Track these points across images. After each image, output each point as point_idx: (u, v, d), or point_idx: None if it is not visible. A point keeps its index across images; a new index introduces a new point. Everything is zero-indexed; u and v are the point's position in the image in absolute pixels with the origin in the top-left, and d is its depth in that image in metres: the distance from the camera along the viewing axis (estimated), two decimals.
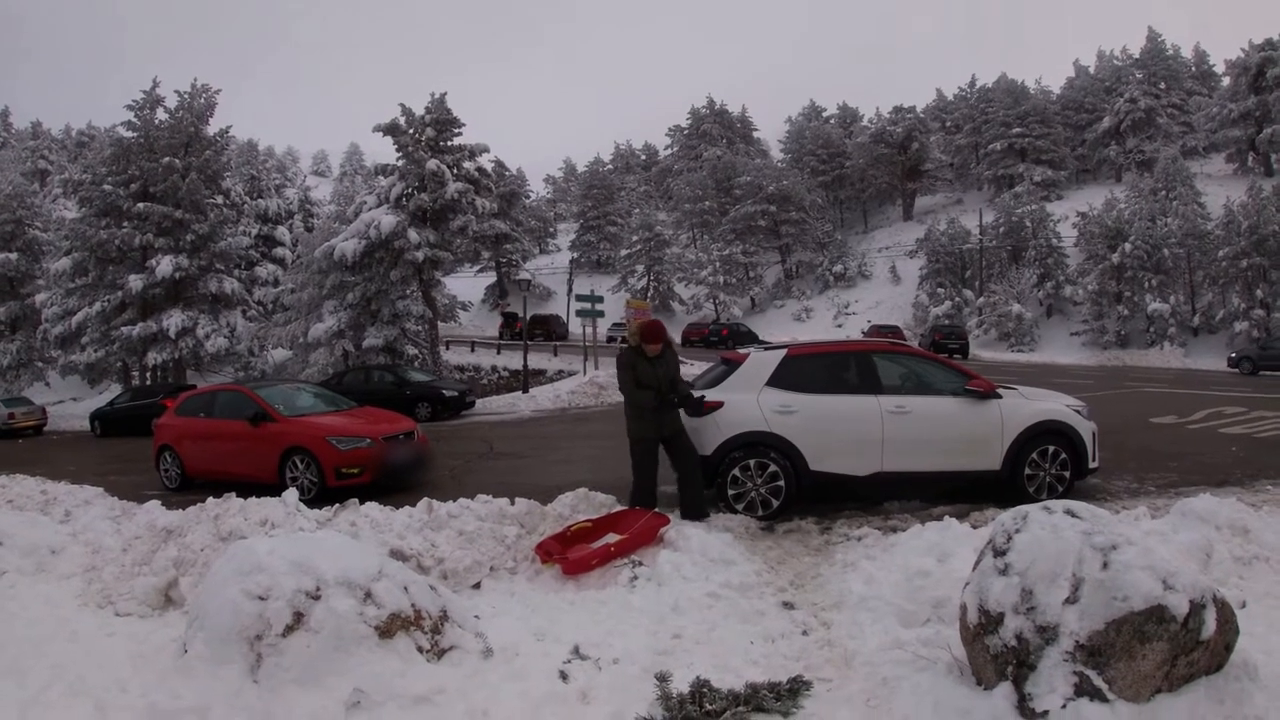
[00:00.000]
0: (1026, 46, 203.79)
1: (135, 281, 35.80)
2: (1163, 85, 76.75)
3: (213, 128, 39.12)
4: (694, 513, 8.02)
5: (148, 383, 37.15)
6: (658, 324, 8.33)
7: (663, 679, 4.83)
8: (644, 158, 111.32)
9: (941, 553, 6.13)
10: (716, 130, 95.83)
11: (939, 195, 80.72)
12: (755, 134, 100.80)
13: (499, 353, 46.29)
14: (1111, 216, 50.60)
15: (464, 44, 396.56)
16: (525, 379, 32.41)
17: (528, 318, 37.32)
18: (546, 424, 21.95)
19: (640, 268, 67.89)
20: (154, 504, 9.49)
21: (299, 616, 4.93)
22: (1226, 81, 68.50)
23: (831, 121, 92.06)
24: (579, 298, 32.79)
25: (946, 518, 7.00)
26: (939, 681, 4.57)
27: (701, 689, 4.66)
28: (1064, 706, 3.92)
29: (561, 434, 19.32)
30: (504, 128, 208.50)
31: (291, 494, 8.71)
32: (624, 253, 71.25)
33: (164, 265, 35.76)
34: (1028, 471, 8.69)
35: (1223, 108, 65.19)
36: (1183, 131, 72.24)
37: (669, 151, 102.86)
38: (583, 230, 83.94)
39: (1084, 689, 3.94)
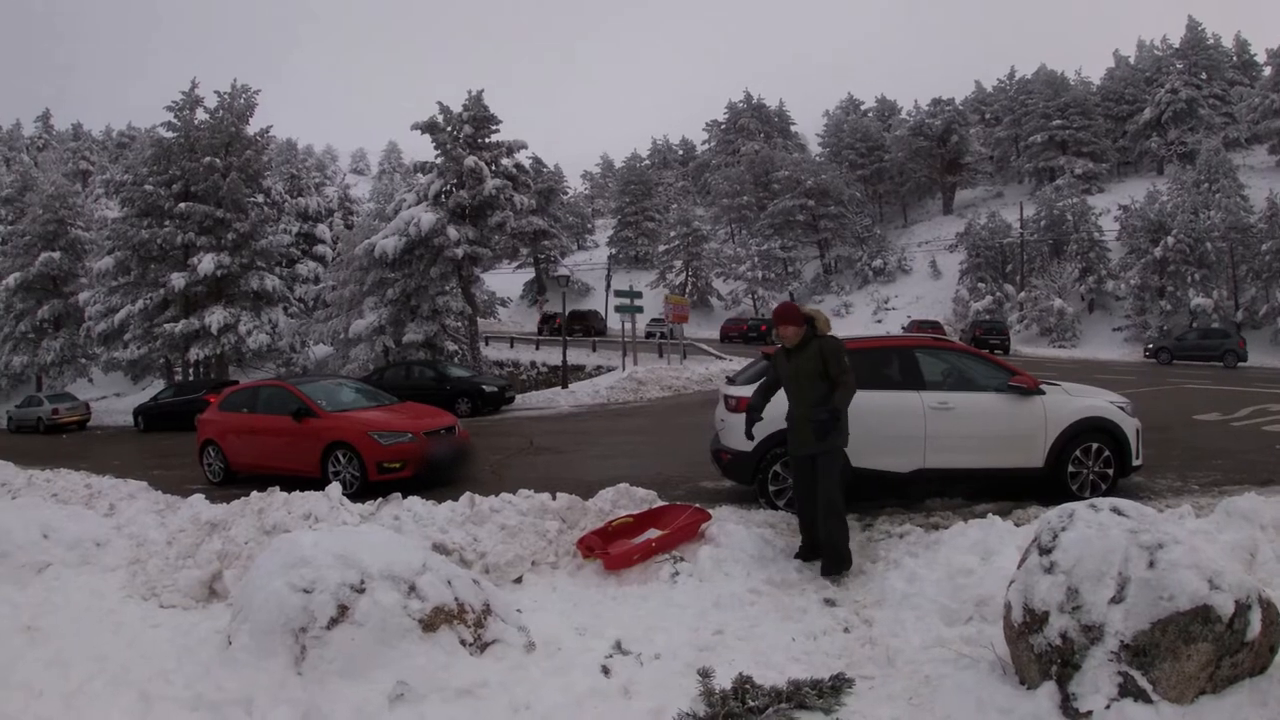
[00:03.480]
0: (1065, 37, 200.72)
1: (177, 279, 36.26)
2: (1204, 75, 75.41)
3: (253, 127, 39.64)
4: (831, 565, 6.64)
5: (190, 378, 37.65)
6: (784, 307, 7.01)
7: (705, 675, 4.82)
8: (681, 153, 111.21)
9: (985, 550, 6.08)
10: (754, 125, 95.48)
11: (979, 189, 79.84)
12: (793, 128, 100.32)
13: (538, 348, 46.41)
14: (1153, 209, 50.01)
15: (499, 42, 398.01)
16: (564, 374, 32.52)
17: (566, 313, 37.43)
18: (586, 419, 22.00)
19: (678, 263, 67.67)
20: (198, 498, 9.59)
21: (343, 609, 4.96)
22: (1268, 71, 67.35)
23: (869, 115, 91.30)
24: (618, 293, 32.85)
25: (990, 515, 6.94)
26: (982, 680, 4.54)
27: (744, 685, 4.64)
28: (1108, 707, 3.88)
29: (601, 429, 19.35)
30: (540, 125, 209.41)
31: (335, 488, 8.78)
32: (662, 248, 71.06)
33: (206, 263, 36.21)
34: (1071, 469, 8.58)
35: (1265, 98, 64.12)
36: (1224, 123, 70.91)
37: (706, 146, 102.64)
38: (620, 226, 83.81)
39: (1128, 689, 3.90)
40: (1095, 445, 8.63)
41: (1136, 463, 8.86)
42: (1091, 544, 4.28)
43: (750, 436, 7.34)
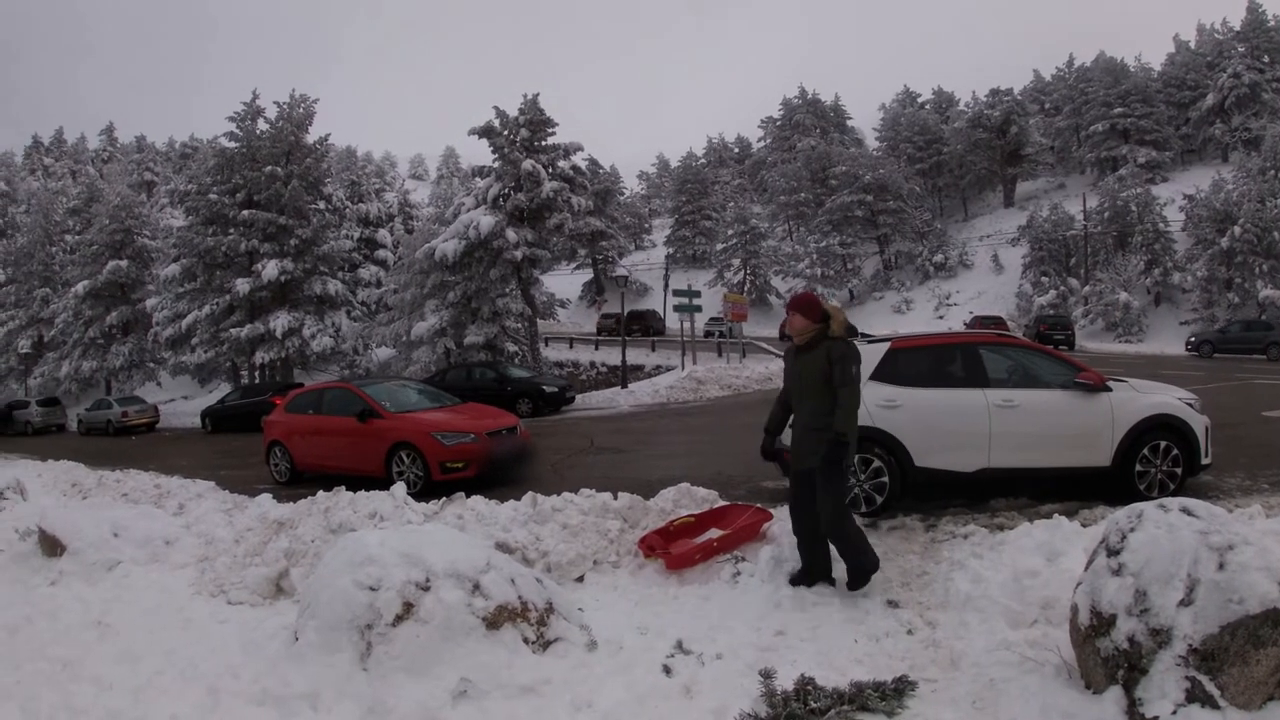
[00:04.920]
0: (1124, 22, 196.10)
1: (242, 285, 36.99)
2: (1266, 59, 72.66)
3: (311, 136, 40.45)
4: (856, 580, 6.20)
5: (256, 381, 38.31)
6: (801, 296, 6.39)
7: (767, 675, 4.81)
8: (737, 151, 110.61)
9: (1051, 552, 5.97)
10: (810, 120, 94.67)
11: (1040, 180, 78.44)
12: (849, 122, 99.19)
13: (597, 348, 46.53)
14: (1219, 198, 48.76)
15: (553, 44, 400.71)
16: (624, 374, 32.56)
17: (625, 313, 37.51)
18: (646, 419, 22.00)
19: (736, 261, 67.44)
20: (265, 497, 9.79)
21: (409, 607, 5.05)
22: None
23: (926, 107, 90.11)
24: (676, 292, 32.86)
25: (1056, 516, 6.80)
26: (1047, 684, 4.49)
27: (806, 686, 4.63)
28: (1174, 713, 3.82)
29: (661, 429, 19.34)
30: (595, 126, 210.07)
31: (399, 488, 8.90)
32: (720, 247, 70.93)
33: (270, 269, 36.86)
34: (1138, 468, 8.32)
35: None
36: None
37: (762, 143, 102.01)
38: (677, 225, 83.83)
39: (1195, 695, 3.84)
40: (1163, 443, 8.36)
41: (1205, 461, 8.59)
42: (1160, 545, 4.21)
43: (768, 457, 6.80)
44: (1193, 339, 39.35)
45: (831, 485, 6.03)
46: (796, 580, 6.29)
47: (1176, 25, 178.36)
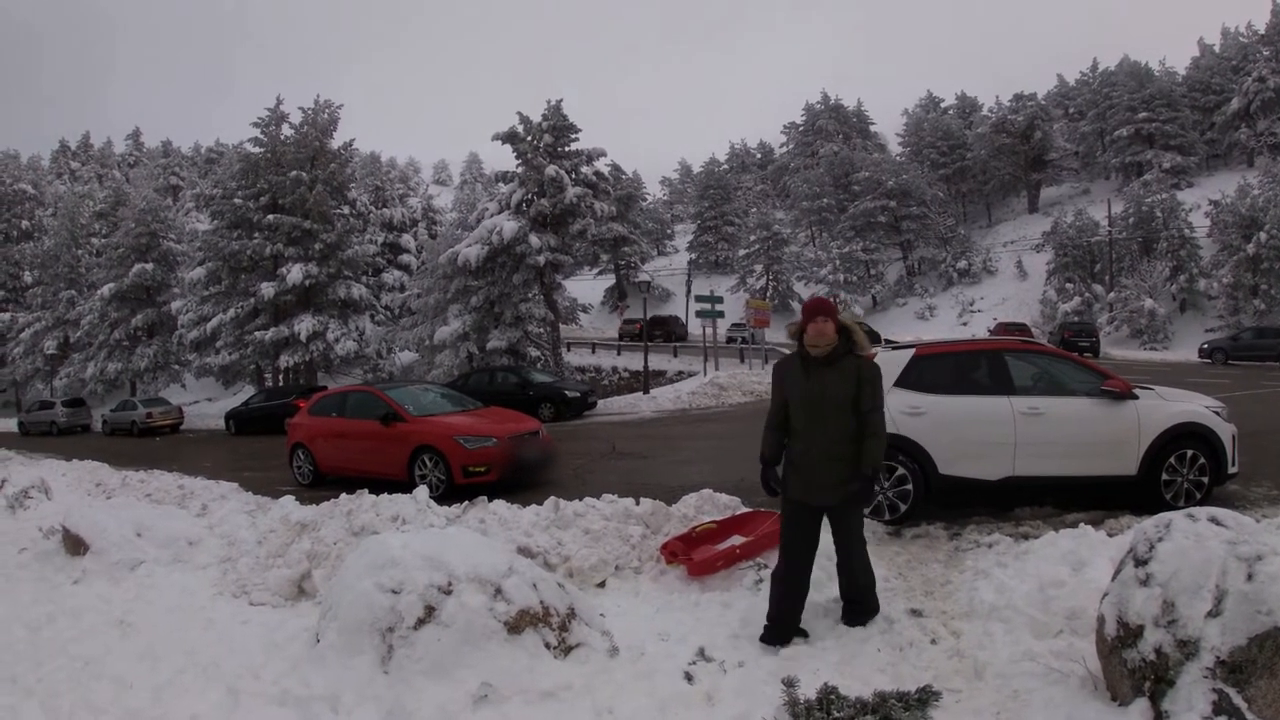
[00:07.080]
0: (1148, 26, 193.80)
1: (267, 289, 37.17)
2: None
3: (336, 141, 40.76)
4: (861, 615, 5.73)
5: (280, 384, 38.53)
6: (820, 301, 5.59)
7: (789, 684, 4.76)
8: (759, 156, 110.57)
9: (1076, 561, 5.90)
10: (832, 126, 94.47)
11: (1064, 186, 78.12)
12: (872, 128, 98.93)
13: (619, 354, 46.61)
14: (1244, 204, 48.45)
15: (576, 51, 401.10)
16: (646, 380, 32.54)
17: (647, 319, 37.48)
18: (668, 424, 21.98)
19: (759, 267, 67.44)
20: (288, 499, 9.80)
21: (430, 610, 5.05)
22: None
23: (950, 112, 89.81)
24: (699, 298, 32.81)
25: (1081, 525, 6.73)
26: (1072, 696, 4.44)
27: (829, 695, 4.58)
28: None
29: (683, 434, 19.31)
30: (618, 131, 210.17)
31: (422, 491, 8.92)
32: (742, 252, 70.87)
33: (294, 273, 37.01)
34: (1165, 477, 8.22)
35: None
36: None
37: (785, 149, 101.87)
38: (700, 231, 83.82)
39: (1222, 708, 3.77)
40: (1190, 452, 8.26)
41: (1232, 470, 8.47)
42: (1189, 555, 4.16)
43: (773, 491, 5.74)
44: (1205, 346, 39.43)
45: (858, 523, 5.66)
46: (765, 636, 5.57)
47: (1201, 29, 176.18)
